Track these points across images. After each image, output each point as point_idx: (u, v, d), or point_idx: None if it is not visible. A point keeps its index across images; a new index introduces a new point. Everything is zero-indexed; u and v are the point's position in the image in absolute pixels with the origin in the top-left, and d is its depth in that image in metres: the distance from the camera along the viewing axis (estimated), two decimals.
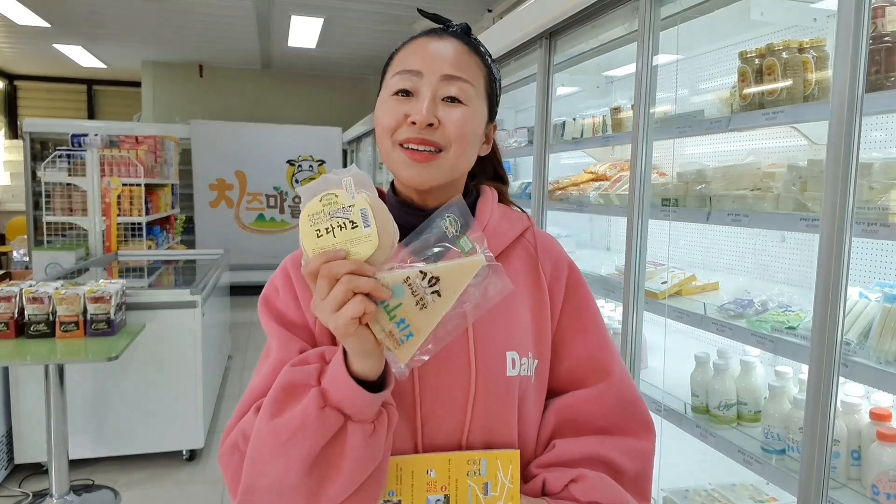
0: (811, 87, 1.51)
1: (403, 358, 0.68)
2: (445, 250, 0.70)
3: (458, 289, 0.68)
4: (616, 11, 2.01)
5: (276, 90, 9.20)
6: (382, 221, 0.66)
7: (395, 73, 0.82)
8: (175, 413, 3.22)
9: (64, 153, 4.95)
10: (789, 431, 1.50)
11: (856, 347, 1.29)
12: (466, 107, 0.81)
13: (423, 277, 0.67)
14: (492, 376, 0.82)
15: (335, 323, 0.64)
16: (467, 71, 0.82)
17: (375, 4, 5.87)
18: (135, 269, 4.42)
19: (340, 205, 0.66)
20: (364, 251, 0.65)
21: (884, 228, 1.21)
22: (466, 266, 0.68)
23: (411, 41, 0.85)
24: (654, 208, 1.92)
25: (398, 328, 0.67)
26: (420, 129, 0.78)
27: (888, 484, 1.28)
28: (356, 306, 0.63)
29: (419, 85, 0.80)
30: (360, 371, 0.69)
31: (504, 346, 0.84)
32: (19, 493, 2.90)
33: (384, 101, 0.83)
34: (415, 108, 0.79)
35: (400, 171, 0.82)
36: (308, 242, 0.66)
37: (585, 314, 0.91)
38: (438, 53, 0.82)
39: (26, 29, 6.96)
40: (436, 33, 0.85)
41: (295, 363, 0.74)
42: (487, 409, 0.82)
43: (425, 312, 0.67)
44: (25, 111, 10.03)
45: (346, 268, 0.63)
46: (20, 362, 2.63)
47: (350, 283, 0.63)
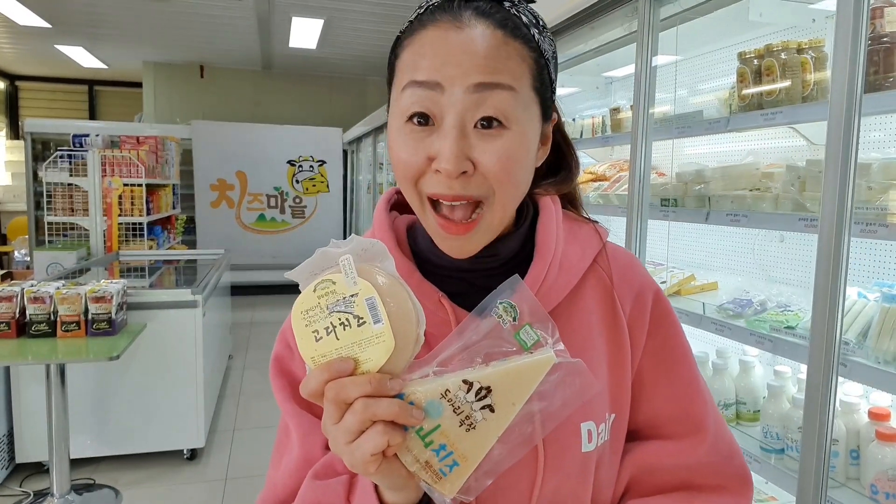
0: (810, 88, 1.52)
1: (449, 493, 0.53)
2: (499, 349, 0.53)
3: (519, 400, 0.52)
4: (615, 12, 2.02)
5: (277, 91, 9.20)
6: (399, 310, 0.50)
7: (404, 84, 0.59)
8: (176, 412, 3.22)
9: (65, 153, 4.95)
10: (788, 431, 1.50)
11: (854, 347, 1.30)
12: (509, 131, 0.58)
13: (468, 389, 0.51)
14: (564, 456, 0.65)
15: (350, 459, 0.49)
16: (506, 70, 0.58)
17: (375, 5, 5.88)
18: (136, 269, 4.43)
19: (340, 294, 0.50)
20: (377, 356, 0.50)
21: (882, 228, 1.22)
22: (530, 368, 0.52)
23: (420, 29, 0.61)
24: (654, 208, 1.92)
25: (437, 457, 0.52)
26: (449, 180, 0.58)
27: (887, 483, 1.28)
28: (376, 440, 0.48)
29: (441, 105, 0.57)
30: (392, 502, 0.56)
31: (578, 417, 0.65)
32: (20, 493, 2.91)
33: (397, 129, 0.61)
34: (439, 149, 0.57)
35: (436, 239, 0.64)
36: (304, 348, 0.51)
37: (672, 354, 0.73)
38: (460, 51, 0.57)
39: (27, 29, 6.97)
40: (450, 13, 0.59)
41: (318, 471, 0.61)
42: (556, 491, 0.66)
43: (473, 435, 0.51)
44: (27, 111, 10.04)
45: (358, 389, 0.48)
46: (21, 362, 2.64)
47: (366, 411, 0.48)
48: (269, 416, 3.93)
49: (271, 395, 0.74)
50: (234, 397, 4.25)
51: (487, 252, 0.66)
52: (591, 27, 2.18)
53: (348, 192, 8.83)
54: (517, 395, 0.52)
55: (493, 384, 0.51)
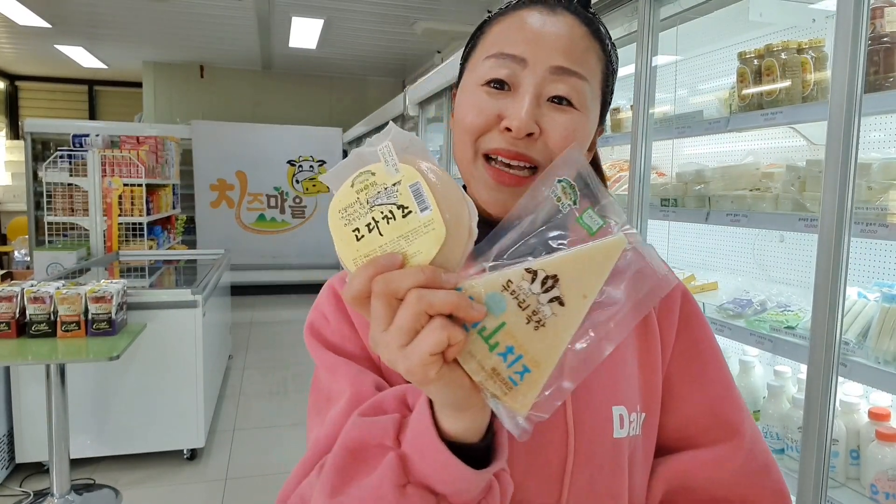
0: (810, 88, 1.52)
1: (521, 407, 0.45)
2: (561, 235, 0.47)
3: (591, 291, 0.45)
4: (615, 12, 2.01)
5: (277, 91, 9.20)
6: (448, 197, 0.44)
7: (489, 54, 0.62)
8: (176, 412, 3.22)
9: (65, 153, 4.96)
10: (788, 431, 1.50)
11: (854, 347, 1.30)
12: (578, 112, 0.61)
13: (532, 279, 0.45)
14: (595, 439, 0.64)
15: (407, 364, 0.43)
16: (584, 63, 0.62)
17: (375, 5, 5.88)
18: (136, 269, 4.43)
19: (381, 185, 0.45)
20: (427, 247, 0.43)
21: (882, 228, 1.22)
22: (599, 252, 0.45)
23: (512, 12, 0.64)
24: (654, 208, 1.92)
25: (504, 362, 0.44)
26: (515, 138, 0.59)
27: (887, 483, 1.28)
28: (435, 335, 0.42)
29: (521, 76, 0.60)
30: (455, 431, 0.48)
31: (610, 400, 0.65)
32: (20, 493, 2.91)
33: (470, 90, 0.63)
34: (512, 109, 0.60)
35: (479, 191, 0.64)
36: (345, 251, 0.46)
37: (704, 355, 0.72)
38: (550, 35, 0.61)
39: (27, 29, 6.97)
40: (547, 5, 0.63)
41: (365, 410, 0.54)
42: (591, 482, 0.63)
43: (543, 333, 0.45)
44: (27, 111, 10.04)
45: (410, 279, 0.42)
46: (21, 362, 2.64)
47: (421, 302, 0.42)
48: (269, 416, 3.93)
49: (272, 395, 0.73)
50: (234, 397, 4.25)
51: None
52: None
53: None
54: (588, 286, 0.45)
55: (560, 272, 0.45)
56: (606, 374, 0.66)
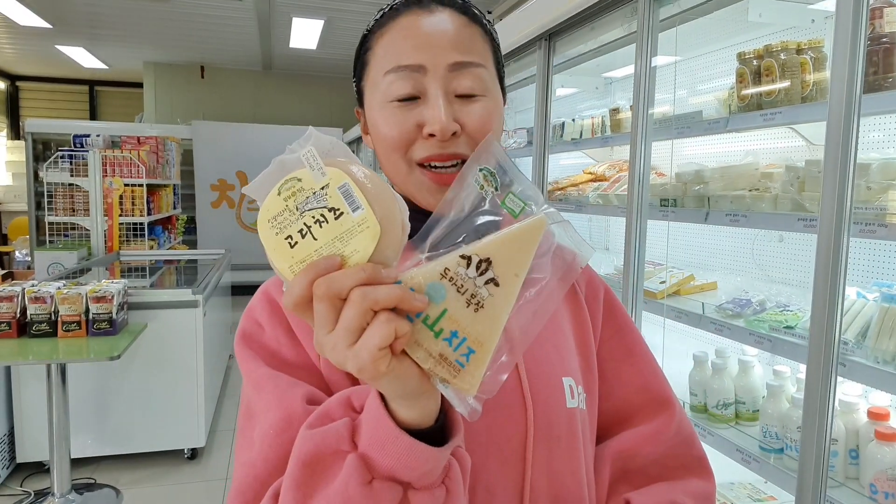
0: (809, 88, 1.52)
1: (470, 387, 0.47)
2: (488, 220, 0.50)
3: (521, 269, 0.48)
4: (615, 13, 2.02)
5: (277, 91, 9.21)
6: (378, 194, 0.45)
7: (387, 69, 0.63)
8: (176, 412, 3.23)
9: (66, 154, 4.96)
10: (787, 430, 1.50)
11: (853, 347, 1.30)
12: (485, 98, 0.65)
13: (467, 263, 0.47)
14: (551, 409, 0.66)
15: (357, 362, 0.43)
16: (476, 51, 0.65)
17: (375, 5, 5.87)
18: (136, 269, 4.44)
19: (309, 190, 0.45)
20: (363, 245, 0.44)
21: (881, 228, 1.22)
22: (524, 232, 0.48)
23: (391, 21, 0.65)
24: (653, 208, 1.93)
25: (450, 346, 0.46)
26: (442, 141, 0.62)
27: (886, 483, 1.28)
28: (382, 330, 0.42)
29: (424, 83, 0.62)
30: (409, 419, 0.49)
31: (559, 372, 0.68)
32: (21, 492, 2.91)
33: (380, 108, 0.65)
34: (429, 116, 0.62)
35: (423, 196, 0.66)
36: (279, 259, 0.46)
37: (629, 336, 0.78)
38: (437, 35, 0.63)
39: (28, 30, 6.98)
40: (419, 5, 0.65)
41: (313, 422, 0.53)
42: (550, 458, 0.65)
43: (483, 314, 0.47)
44: (27, 112, 10.05)
45: (352, 278, 0.43)
46: (22, 362, 2.64)
47: (366, 299, 0.42)
48: None
49: None
50: (235, 397, 4.26)
51: None
52: (591, 27, 2.18)
53: None
54: (518, 264, 0.48)
55: (492, 255, 0.47)
56: (553, 348, 0.70)
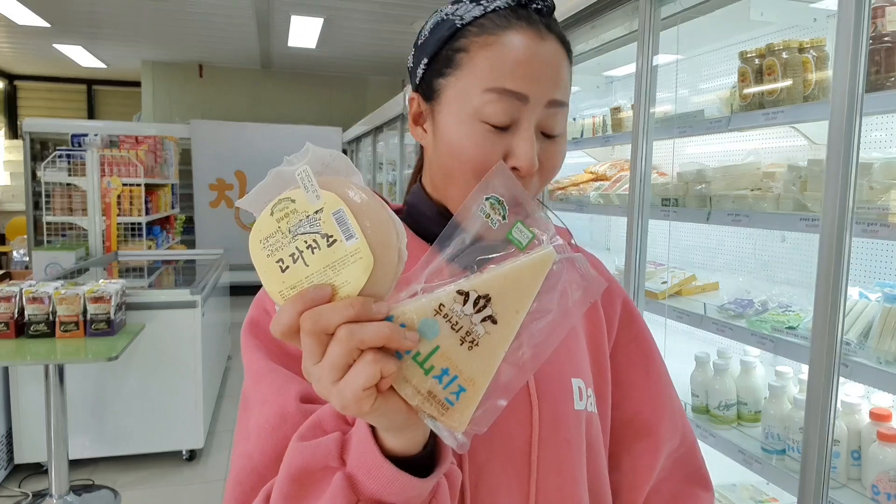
0: (811, 87, 1.51)
1: (458, 425, 0.45)
2: (492, 252, 0.47)
3: (523, 306, 0.45)
4: (616, 11, 2.01)
5: (276, 90, 9.20)
6: (374, 222, 0.43)
7: (488, 87, 0.60)
8: (175, 413, 3.22)
9: (64, 153, 4.95)
10: (789, 431, 1.50)
11: (856, 347, 1.29)
12: (563, 138, 0.65)
13: (464, 300, 0.45)
14: (559, 410, 0.65)
15: (341, 399, 0.42)
16: (567, 89, 0.64)
17: (375, 5, 5.87)
18: (135, 269, 4.43)
19: (302, 213, 0.43)
20: (355, 276, 0.42)
21: (884, 228, 1.21)
22: (529, 268, 0.46)
23: (499, 31, 0.61)
24: (654, 208, 1.92)
25: (440, 384, 0.44)
26: (525, 178, 0.61)
27: (888, 484, 1.28)
28: (368, 371, 0.41)
29: (521, 112, 0.60)
30: (396, 448, 0.48)
31: (569, 372, 0.67)
32: (19, 493, 2.91)
33: (468, 122, 0.61)
34: (520, 152, 0.60)
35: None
36: (271, 283, 0.44)
37: (645, 345, 0.77)
38: (546, 69, 0.61)
39: (26, 29, 6.97)
40: (531, 26, 0.61)
41: (304, 433, 0.53)
42: (558, 459, 0.64)
43: (478, 352, 0.45)
44: (25, 111, 10.04)
45: (340, 314, 0.41)
46: (20, 362, 2.63)
47: (352, 339, 0.41)
48: None
49: None
50: (234, 398, 4.25)
51: None
52: (592, 26, 2.17)
53: None
54: (520, 302, 0.45)
55: (492, 291, 0.45)
56: (564, 348, 0.68)
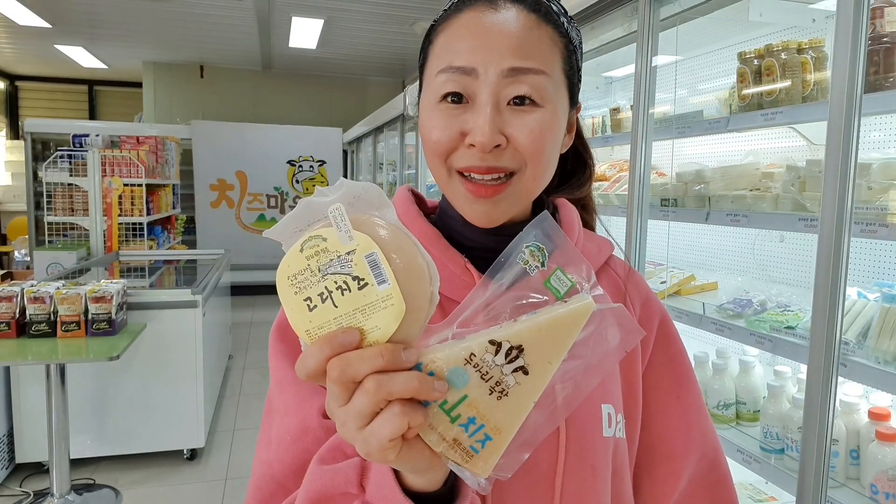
0: (810, 88, 1.52)
1: (482, 471, 0.44)
2: (528, 300, 0.45)
3: (556, 357, 0.44)
4: (615, 12, 2.01)
5: (277, 91, 9.20)
6: (408, 266, 0.41)
7: (439, 69, 0.60)
8: (176, 412, 3.22)
9: (65, 153, 4.96)
10: (788, 431, 1.50)
11: (854, 347, 1.30)
12: (542, 108, 0.59)
13: (496, 350, 0.43)
14: (586, 436, 0.62)
15: (365, 447, 0.41)
16: (538, 55, 0.59)
17: (375, 5, 5.88)
18: (136, 269, 4.43)
19: (333, 252, 0.42)
20: (385, 323, 0.41)
21: (882, 228, 1.22)
22: (566, 318, 0.44)
23: (454, 15, 0.61)
24: (654, 208, 1.92)
25: (466, 433, 0.43)
26: (483, 153, 0.58)
27: (887, 483, 1.28)
28: (395, 423, 0.40)
29: (474, 87, 0.58)
30: (416, 486, 0.47)
31: (599, 398, 0.64)
32: (20, 493, 2.91)
33: (429, 108, 0.61)
34: (473, 124, 0.58)
35: (460, 205, 0.63)
36: (298, 320, 0.43)
37: (680, 369, 0.73)
38: (495, 37, 0.58)
39: (27, 29, 6.97)
40: (489, 1, 0.60)
41: (324, 456, 0.52)
42: (582, 486, 0.62)
43: (507, 403, 0.43)
44: (27, 111, 10.04)
45: (368, 364, 0.40)
46: (22, 362, 2.64)
47: (380, 391, 0.40)
48: None
49: None
50: (234, 397, 4.25)
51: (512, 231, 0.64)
52: (591, 27, 2.18)
53: None
54: (553, 353, 0.43)
55: (525, 342, 0.43)
56: None
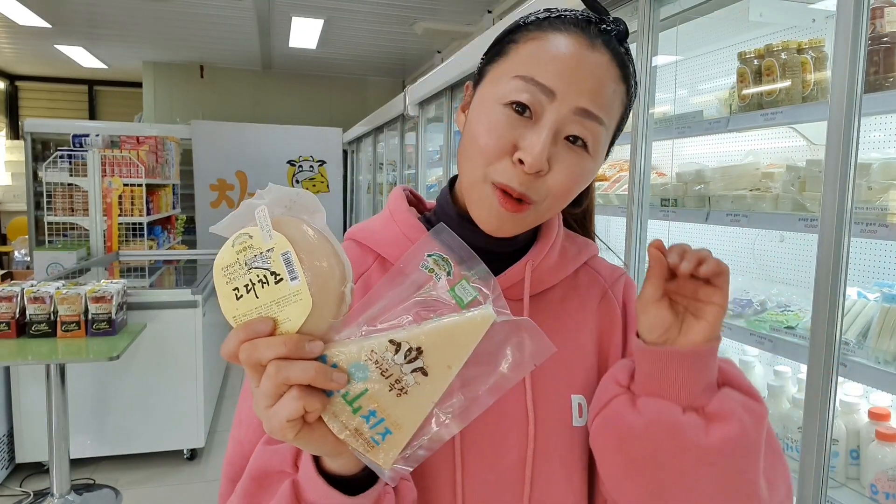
0: (810, 88, 1.52)
1: (384, 463, 0.48)
2: (432, 305, 0.48)
3: (456, 362, 0.47)
4: (615, 12, 2.01)
5: (277, 91, 9.20)
6: (320, 266, 0.46)
7: (518, 73, 0.60)
8: (176, 412, 3.22)
9: (65, 153, 4.96)
10: (788, 431, 1.50)
11: (854, 347, 1.30)
12: (588, 157, 0.61)
13: (395, 350, 0.46)
14: (555, 426, 0.65)
15: (269, 425, 0.46)
16: (609, 108, 0.61)
17: (375, 6, 5.88)
18: (136, 269, 4.43)
19: (257, 249, 0.46)
20: (295, 316, 0.45)
21: (882, 228, 1.22)
22: (466, 326, 0.47)
23: (551, 31, 0.61)
24: (654, 208, 1.92)
25: (367, 424, 0.47)
26: (526, 173, 0.59)
27: (887, 483, 1.28)
28: (290, 406, 0.45)
29: (545, 108, 0.59)
30: (331, 468, 0.52)
31: (569, 388, 0.66)
32: (20, 493, 2.91)
33: (489, 105, 0.61)
34: (529, 141, 0.59)
35: (480, 211, 0.63)
36: (227, 307, 0.48)
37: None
38: (584, 74, 0.59)
39: (27, 29, 6.97)
40: (586, 34, 0.61)
41: (270, 438, 0.57)
42: (551, 476, 0.64)
43: (406, 400, 0.47)
44: (27, 111, 10.04)
45: (272, 350, 0.45)
46: (22, 362, 2.64)
47: (279, 374, 0.44)
48: None
49: None
50: (234, 397, 4.25)
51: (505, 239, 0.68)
52: None
53: (348, 193, 8.83)
54: (453, 357, 0.47)
55: (424, 345, 0.47)
56: (566, 363, 0.67)
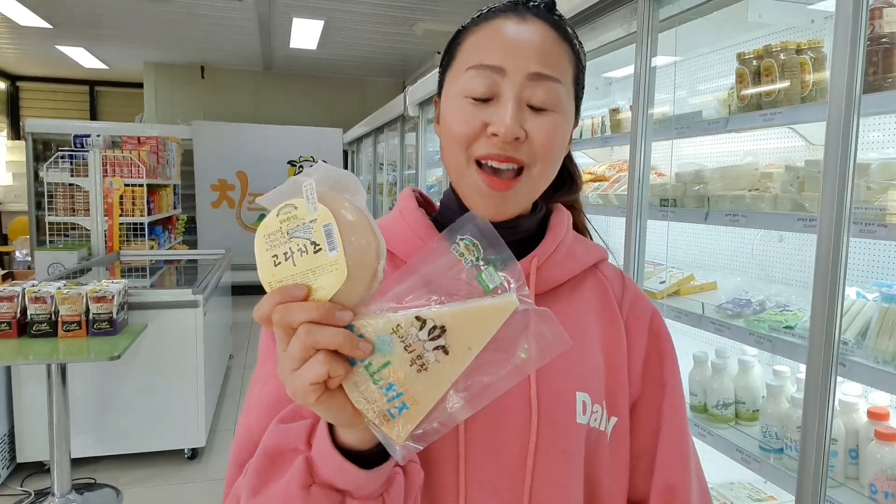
0: (809, 89, 1.52)
1: (397, 437, 0.49)
2: (460, 287, 0.50)
3: (476, 344, 0.48)
4: (615, 13, 2.02)
5: (278, 91, 9.21)
6: (358, 241, 0.48)
7: (469, 65, 0.66)
8: (177, 412, 3.23)
9: (66, 154, 4.97)
10: (787, 430, 1.51)
11: (853, 347, 1.30)
12: (556, 114, 0.66)
13: (420, 326, 0.48)
14: (558, 421, 0.66)
15: (292, 388, 0.48)
16: (557, 66, 0.66)
17: (375, 6, 5.88)
18: (137, 269, 4.44)
19: (300, 220, 0.48)
20: (329, 284, 0.47)
21: (881, 228, 1.22)
22: (489, 311, 0.49)
23: (485, 22, 0.68)
24: (653, 209, 1.93)
25: (385, 397, 0.48)
26: (503, 142, 0.64)
27: (886, 482, 1.28)
28: (316, 369, 0.46)
29: (500, 86, 0.65)
30: (347, 442, 0.53)
31: (574, 386, 0.68)
32: (21, 492, 2.92)
33: (454, 100, 0.67)
34: (497, 117, 0.64)
35: (471, 196, 0.68)
36: (264, 273, 0.50)
37: (668, 371, 0.75)
38: (523, 44, 0.65)
39: (28, 30, 6.98)
40: (515, 12, 0.67)
41: (285, 416, 0.59)
42: (554, 471, 0.65)
43: (425, 377, 0.48)
44: (28, 112, 10.05)
45: (304, 314, 0.46)
46: (23, 361, 2.64)
47: (308, 337, 0.46)
48: None
49: None
50: (235, 397, 4.26)
51: (508, 224, 0.70)
52: (591, 27, 2.18)
53: None
54: (474, 339, 0.48)
55: (448, 324, 0.48)
56: (572, 360, 0.68)
